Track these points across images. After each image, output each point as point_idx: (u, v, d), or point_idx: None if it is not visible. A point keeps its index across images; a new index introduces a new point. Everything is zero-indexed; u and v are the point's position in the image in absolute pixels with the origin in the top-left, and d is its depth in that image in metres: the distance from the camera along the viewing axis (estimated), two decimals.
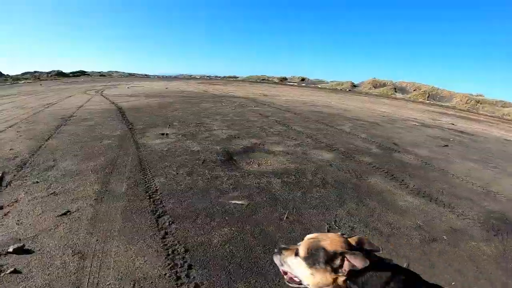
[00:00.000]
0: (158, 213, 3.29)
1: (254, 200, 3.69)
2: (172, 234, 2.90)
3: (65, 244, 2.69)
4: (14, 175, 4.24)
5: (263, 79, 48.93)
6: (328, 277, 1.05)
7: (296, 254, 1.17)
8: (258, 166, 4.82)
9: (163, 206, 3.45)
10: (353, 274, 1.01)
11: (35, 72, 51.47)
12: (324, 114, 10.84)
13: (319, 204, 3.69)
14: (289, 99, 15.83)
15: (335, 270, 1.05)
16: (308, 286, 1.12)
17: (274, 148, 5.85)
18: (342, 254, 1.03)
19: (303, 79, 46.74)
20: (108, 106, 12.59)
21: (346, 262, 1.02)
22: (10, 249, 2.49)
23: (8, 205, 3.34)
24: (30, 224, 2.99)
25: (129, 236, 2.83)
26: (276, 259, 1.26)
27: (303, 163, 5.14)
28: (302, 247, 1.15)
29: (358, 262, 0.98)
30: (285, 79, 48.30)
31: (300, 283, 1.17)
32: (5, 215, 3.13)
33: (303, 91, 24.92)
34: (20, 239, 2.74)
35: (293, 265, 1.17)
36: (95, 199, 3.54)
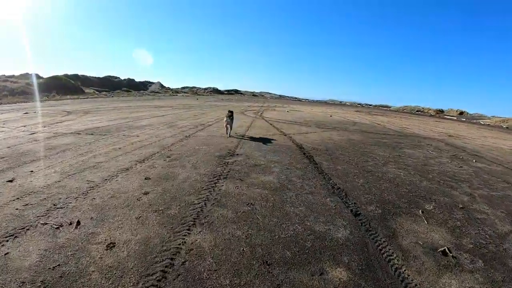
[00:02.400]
0: None
1: None
2: None
3: None
4: None
5: (418, 111, 42.71)
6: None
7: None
8: None
9: None
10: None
11: (193, 87, 55.56)
12: None
13: None
14: (484, 144, 11.28)
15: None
16: None
17: None
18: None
19: (461, 113, 38.76)
20: (281, 140, 7.98)
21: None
22: None
23: None
24: None
25: None
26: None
27: None
28: None
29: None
30: (441, 111, 40.95)
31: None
32: None
33: (476, 129, 19.86)
34: None
35: None
36: None
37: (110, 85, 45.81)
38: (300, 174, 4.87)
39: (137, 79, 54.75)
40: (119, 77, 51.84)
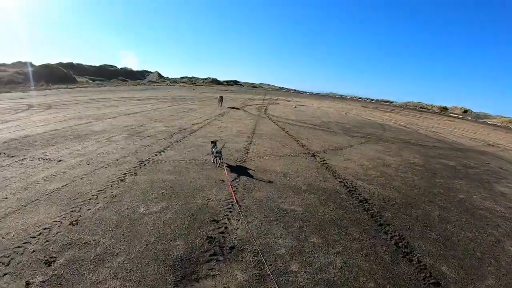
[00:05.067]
0: None
1: None
2: None
3: None
4: None
5: (421, 107, 38.45)
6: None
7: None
8: None
9: None
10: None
11: (192, 77, 51.17)
12: None
13: None
14: None
15: None
16: None
17: None
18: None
19: (465, 111, 34.95)
20: (311, 170, 4.41)
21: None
22: None
23: None
24: None
25: None
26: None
27: None
28: None
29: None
30: (445, 109, 36.79)
31: None
32: None
33: (493, 131, 16.76)
34: None
35: None
36: None
37: (106, 74, 41.41)
38: None
39: (135, 68, 50.17)
40: (115, 66, 47.31)
